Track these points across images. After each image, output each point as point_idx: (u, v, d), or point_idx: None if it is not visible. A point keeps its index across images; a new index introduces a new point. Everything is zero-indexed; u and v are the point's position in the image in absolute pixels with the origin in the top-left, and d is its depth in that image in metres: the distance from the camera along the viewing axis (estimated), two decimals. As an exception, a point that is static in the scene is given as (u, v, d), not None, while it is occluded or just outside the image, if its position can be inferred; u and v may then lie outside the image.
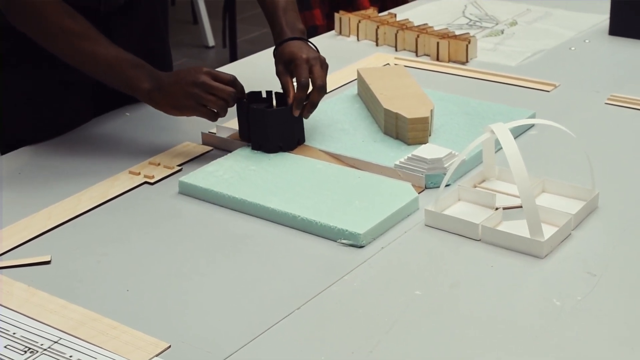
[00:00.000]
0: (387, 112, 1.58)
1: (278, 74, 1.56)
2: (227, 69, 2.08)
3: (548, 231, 1.26)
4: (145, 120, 1.73)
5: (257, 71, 1.93)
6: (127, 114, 1.77)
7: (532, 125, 1.65)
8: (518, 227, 1.28)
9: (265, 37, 5.22)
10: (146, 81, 1.50)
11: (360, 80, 1.77)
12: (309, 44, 1.59)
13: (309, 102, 1.53)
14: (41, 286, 1.21)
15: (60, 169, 1.56)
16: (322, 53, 1.58)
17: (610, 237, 1.30)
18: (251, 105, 1.54)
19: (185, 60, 5.03)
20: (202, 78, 1.47)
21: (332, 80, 1.89)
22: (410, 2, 2.63)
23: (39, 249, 1.31)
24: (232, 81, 1.50)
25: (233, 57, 4.48)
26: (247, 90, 1.55)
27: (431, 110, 1.57)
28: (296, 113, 1.52)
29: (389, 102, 1.61)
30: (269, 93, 1.58)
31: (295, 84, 1.52)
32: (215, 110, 1.50)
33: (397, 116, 1.56)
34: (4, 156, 1.63)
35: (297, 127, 1.56)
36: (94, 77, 1.54)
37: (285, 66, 1.55)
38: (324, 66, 1.54)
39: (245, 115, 1.54)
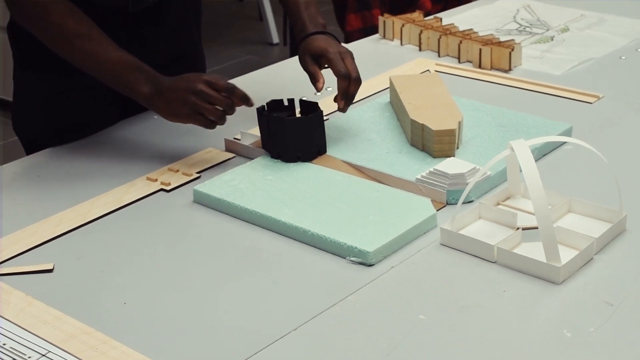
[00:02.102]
0: (414, 123, 1.53)
1: (305, 64, 1.58)
2: (282, 64, 2.06)
3: (567, 255, 1.20)
4: (171, 124, 1.69)
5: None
6: (155, 116, 1.75)
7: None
8: (536, 250, 1.22)
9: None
10: (146, 85, 1.48)
11: (392, 88, 1.72)
12: (333, 37, 1.61)
13: (348, 96, 1.55)
14: (40, 295, 1.19)
15: (80, 172, 1.54)
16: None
17: (634, 263, 1.22)
18: (271, 114, 1.50)
19: (249, 57, 5.03)
20: (199, 86, 1.44)
21: (366, 86, 1.84)
22: (466, 4, 2.56)
23: (45, 256, 1.29)
24: (231, 89, 1.46)
25: (293, 54, 4.45)
26: (270, 98, 1.52)
27: (459, 122, 1.51)
28: (341, 104, 1.54)
29: (416, 112, 1.55)
30: (291, 101, 1.54)
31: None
32: (213, 119, 1.47)
33: (423, 127, 1.51)
34: (25, 158, 1.63)
35: (317, 137, 1.51)
36: (97, 79, 1.52)
37: (314, 59, 1.57)
38: (353, 59, 1.57)
39: (266, 124, 1.50)
